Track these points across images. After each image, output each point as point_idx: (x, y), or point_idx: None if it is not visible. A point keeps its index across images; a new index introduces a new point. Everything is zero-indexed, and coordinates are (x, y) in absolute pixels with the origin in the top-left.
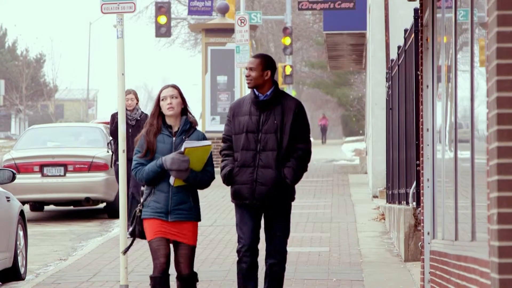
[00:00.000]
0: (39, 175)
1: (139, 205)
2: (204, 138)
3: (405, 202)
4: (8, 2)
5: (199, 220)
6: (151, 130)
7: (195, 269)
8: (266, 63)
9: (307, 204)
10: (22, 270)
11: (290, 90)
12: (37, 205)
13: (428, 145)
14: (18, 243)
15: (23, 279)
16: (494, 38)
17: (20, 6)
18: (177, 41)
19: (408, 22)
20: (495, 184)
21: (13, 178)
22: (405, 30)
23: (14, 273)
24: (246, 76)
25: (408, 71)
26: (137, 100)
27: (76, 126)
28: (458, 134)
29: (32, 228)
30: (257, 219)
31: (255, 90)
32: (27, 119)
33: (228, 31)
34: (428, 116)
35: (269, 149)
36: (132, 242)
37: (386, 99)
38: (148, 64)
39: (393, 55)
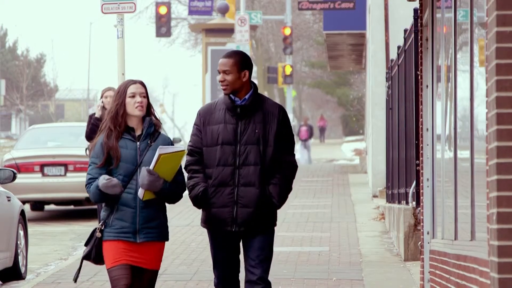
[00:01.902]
0: (40, 175)
1: (100, 224)
2: (171, 143)
3: (405, 201)
4: (8, 2)
5: (168, 239)
6: (113, 134)
7: (195, 269)
8: (242, 63)
9: (307, 204)
10: (22, 270)
11: (290, 90)
12: (37, 205)
13: (427, 144)
14: (18, 242)
15: (23, 278)
16: (493, 38)
17: (20, 6)
18: (177, 41)
19: (408, 22)
20: (495, 183)
21: (14, 177)
22: (405, 30)
23: (14, 272)
24: (220, 82)
25: (408, 71)
26: None
27: (77, 126)
28: (457, 134)
29: (32, 228)
30: (236, 246)
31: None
32: (27, 119)
33: (228, 31)
34: (428, 116)
35: (251, 163)
36: (81, 265)
37: (386, 99)
38: (149, 64)
39: (393, 55)
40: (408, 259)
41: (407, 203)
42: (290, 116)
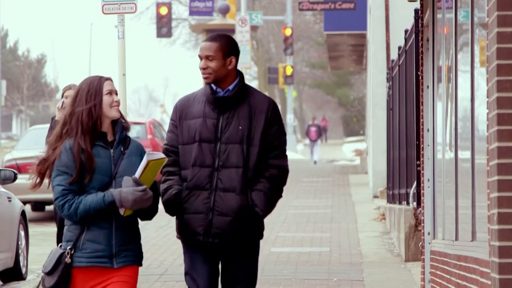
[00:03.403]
0: None
1: (68, 246)
2: (143, 149)
3: (405, 202)
4: (9, 3)
5: (142, 264)
6: (86, 139)
7: None
8: (228, 48)
9: (307, 204)
10: (23, 270)
11: (291, 91)
12: (38, 205)
13: (428, 145)
14: (19, 243)
15: (24, 279)
16: (494, 38)
17: (21, 7)
18: (178, 42)
19: (409, 22)
20: (495, 184)
21: (15, 178)
22: (406, 31)
23: (15, 273)
24: (202, 69)
25: (408, 72)
26: None
27: None
28: (458, 134)
29: (33, 228)
30: (213, 262)
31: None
32: (28, 120)
33: (228, 31)
34: (429, 116)
35: (232, 165)
36: None
37: (387, 100)
38: (149, 65)
39: (394, 55)
40: (409, 260)
41: (407, 203)
42: (291, 116)
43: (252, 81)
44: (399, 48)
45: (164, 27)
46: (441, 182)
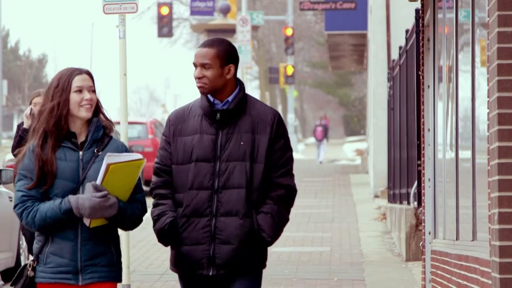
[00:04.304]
0: None
1: (31, 259)
2: (126, 151)
3: (406, 202)
4: (10, 2)
5: (121, 280)
6: (49, 141)
7: None
8: (227, 55)
9: (308, 204)
10: None
11: (292, 91)
12: None
13: (429, 145)
14: (20, 242)
15: None
16: (495, 38)
17: (22, 6)
18: (179, 41)
19: (410, 22)
20: (496, 184)
21: None
22: (406, 31)
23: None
24: (198, 78)
25: (409, 72)
26: None
27: None
28: (459, 134)
29: None
30: None
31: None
32: None
33: (229, 31)
34: (429, 116)
35: (234, 185)
36: None
37: (388, 99)
38: (150, 65)
39: (395, 55)
40: (410, 259)
41: (408, 203)
42: (292, 116)
43: (253, 81)
44: (400, 48)
45: (165, 27)
46: (442, 181)
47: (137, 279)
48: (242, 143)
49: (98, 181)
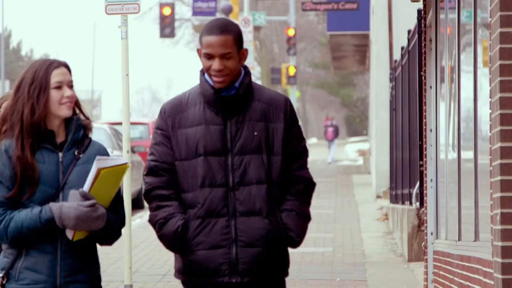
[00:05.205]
0: None
1: (0, 276)
2: (107, 154)
3: (408, 202)
4: (12, 3)
5: None
6: (26, 143)
7: None
8: (241, 38)
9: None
10: None
11: (294, 91)
12: None
13: (431, 145)
14: None
15: None
16: (497, 38)
17: (24, 7)
18: (181, 42)
19: (412, 23)
20: (498, 184)
21: None
22: (409, 31)
23: None
24: (218, 71)
25: (411, 72)
26: None
27: None
28: (461, 135)
29: None
30: None
31: (207, 79)
32: None
33: None
34: (432, 116)
35: (252, 181)
36: None
37: (390, 100)
38: (153, 65)
39: (397, 55)
40: (412, 260)
41: (410, 203)
42: None
43: (255, 81)
44: (402, 48)
45: (167, 27)
46: (444, 182)
47: (140, 279)
48: (255, 133)
49: (86, 188)
